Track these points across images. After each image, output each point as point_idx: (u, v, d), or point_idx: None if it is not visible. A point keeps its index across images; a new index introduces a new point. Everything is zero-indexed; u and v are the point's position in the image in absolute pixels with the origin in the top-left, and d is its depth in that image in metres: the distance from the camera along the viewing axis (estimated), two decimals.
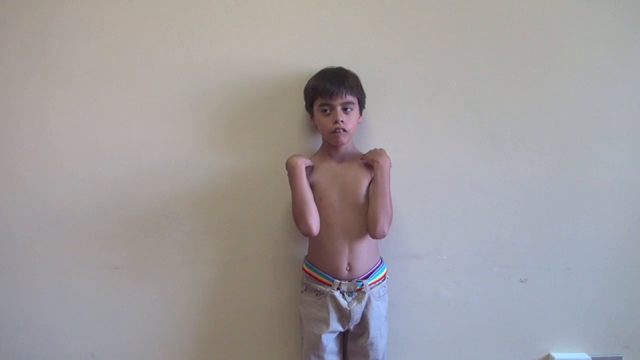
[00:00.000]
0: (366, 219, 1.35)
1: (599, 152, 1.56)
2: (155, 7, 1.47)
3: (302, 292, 1.43)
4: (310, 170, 1.40)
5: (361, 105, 1.39)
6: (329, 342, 1.38)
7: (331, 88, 1.31)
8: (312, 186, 1.38)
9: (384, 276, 1.42)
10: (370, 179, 1.39)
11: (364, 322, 1.37)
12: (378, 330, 1.38)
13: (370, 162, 1.36)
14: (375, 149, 1.41)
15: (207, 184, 1.52)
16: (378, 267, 1.40)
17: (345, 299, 1.35)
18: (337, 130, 1.32)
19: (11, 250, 1.52)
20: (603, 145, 1.56)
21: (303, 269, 1.41)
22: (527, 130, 1.54)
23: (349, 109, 1.34)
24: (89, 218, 1.52)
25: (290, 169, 1.35)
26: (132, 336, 1.57)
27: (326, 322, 1.35)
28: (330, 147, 1.39)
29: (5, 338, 1.56)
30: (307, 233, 1.33)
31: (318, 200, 1.37)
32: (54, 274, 1.53)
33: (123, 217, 1.52)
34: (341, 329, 1.38)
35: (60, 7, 1.46)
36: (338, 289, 1.35)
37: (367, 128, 1.50)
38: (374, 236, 1.34)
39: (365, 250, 1.37)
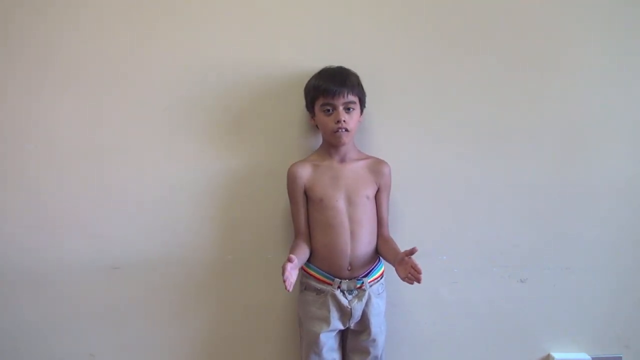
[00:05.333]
0: (368, 219, 1.37)
1: (599, 152, 1.56)
2: (155, 8, 1.47)
3: (301, 291, 1.43)
4: (309, 169, 1.40)
5: (362, 104, 1.39)
6: (329, 340, 1.38)
7: (333, 88, 1.31)
8: (312, 186, 1.38)
9: (382, 274, 1.43)
10: (372, 182, 1.40)
11: (364, 320, 1.37)
12: (379, 327, 1.39)
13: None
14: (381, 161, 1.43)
15: (207, 183, 1.51)
16: (377, 265, 1.41)
17: (345, 297, 1.35)
18: (340, 130, 1.32)
19: (11, 250, 1.52)
20: (603, 145, 1.56)
21: (302, 268, 1.41)
22: (528, 130, 1.55)
23: (350, 109, 1.34)
24: (89, 218, 1.52)
25: (290, 180, 1.40)
26: (132, 336, 1.57)
27: (327, 321, 1.35)
28: (331, 146, 1.39)
29: (5, 338, 1.56)
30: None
31: (318, 201, 1.37)
32: (54, 274, 1.53)
33: (123, 217, 1.52)
34: (341, 327, 1.38)
35: (61, 8, 1.46)
36: (338, 287, 1.35)
37: (367, 128, 1.51)
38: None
39: (366, 250, 1.37)
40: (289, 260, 1.17)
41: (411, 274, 1.19)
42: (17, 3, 1.45)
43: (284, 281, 1.16)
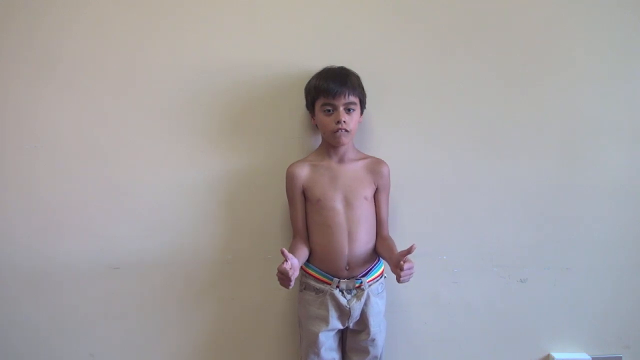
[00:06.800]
0: (366, 219, 1.37)
1: (599, 152, 1.56)
2: (155, 9, 1.47)
3: (301, 291, 1.43)
4: (308, 169, 1.40)
5: (362, 105, 1.39)
6: (328, 339, 1.38)
7: (334, 88, 1.31)
8: (310, 187, 1.38)
9: (382, 273, 1.43)
10: (371, 183, 1.40)
11: (363, 320, 1.37)
12: (378, 327, 1.39)
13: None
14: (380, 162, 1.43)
15: (207, 183, 1.52)
16: (376, 264, 1.41)
17: (344, 297, 1.35)
18: (340, 131, 1.32)
19: (11, 250, 1.52)
20: (603, 145, 1.56)
21: (302, 268, 1.41)
22: (528, 130, 1.55)
23: (351, 109, 1.34)
24: (89, 218, 1.52)
25: (288, 180, 1.40)
26: (132, 336, 1.57)
27: (326, 320, 1.35)
28: (330, 146, 1.39)
29: (5, 338, 1.56)
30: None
31: (316, 202, 1.37)
32: (54, 274, 1.53)
33: (123, 217, 1.52)
34: (341, 327, 1.38)
35: (62, 8, 1.46)
36: (337, 287, 1.35)
37: (367, 128, 1.51)
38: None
39: (364, 250, 1.37)
40: (286, 258, 1.17)
41: (399, 269, 1.19)
42: (18, 3, 1.46)
43: (286, 280, 1.16)
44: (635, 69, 1.55)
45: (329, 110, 1.33)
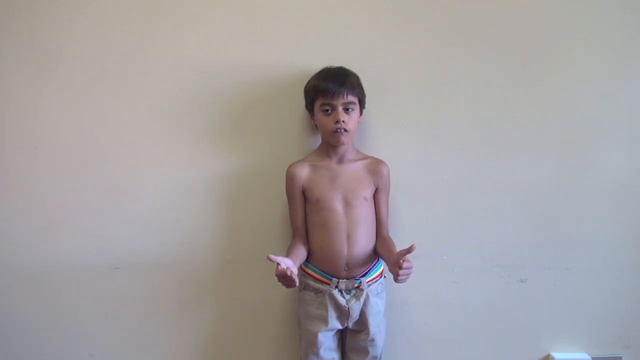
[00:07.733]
0: (366, 220, 1.37)
1: (599, 152, 1.56)
2: (155, 8, 1.47)
3: (300, 290, 1.43)
4: (308, 170, 1.40)
5: (362, 105, 1.39)
6: (327, 339, 1.38)
7: (333, 88, 1.31)
8: (310, 187, 1.38)
9: (381, 274, 1.43)
10: (370, 183, 1.40)
11: (362, 320, 1.37)
12: (377, 327, 1.39)
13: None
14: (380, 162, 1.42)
15: (207, 184, 1.52)
16: (375, 264, 1.40)
17: (343, 297, 1.35)
18: (339, 131, 1.32)
19: (11, 250, 1.52)
20: (603, 145, 1.56)
21: (301, 268, 1.41)
22: (528, 130, 1.55)
23: (350, 109, 1.33)
24: (89, 218, 1.52)
25: (288, 180, 1.40)
26: (132, 336, 1.57)
27: (325, 320, 1.35)
28: (330, 147, 1.39)
29: (5, 338, 1.56)
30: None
31: (315, 202, 1.37)
32: (54, 274, 1.53)
33: (123, 217, 1.52)
34: (340, 327, 1.38)
35: (62, 8, 1.46)
36: (336, 287, 1.35)
37: (367, 128, 1.51)
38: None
39: (363, 250, 1.37)
40: (277, 263, 1.15)
41: (398, 268, 1.18)
42: (18, 3, 1.46)
43: (288, 280, 1.16)
44: (635, 69, 1.55)
45: (327, 110, 1.33)
